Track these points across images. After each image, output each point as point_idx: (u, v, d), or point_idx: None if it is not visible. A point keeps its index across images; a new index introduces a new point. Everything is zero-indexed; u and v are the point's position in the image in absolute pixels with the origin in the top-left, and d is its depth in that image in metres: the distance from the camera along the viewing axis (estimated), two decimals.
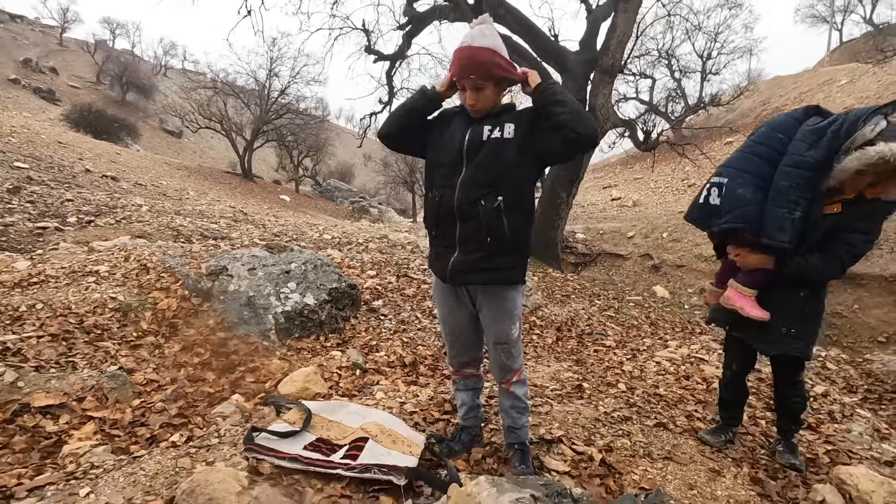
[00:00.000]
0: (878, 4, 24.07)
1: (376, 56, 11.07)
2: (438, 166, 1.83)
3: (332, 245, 8.69)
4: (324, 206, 22.75)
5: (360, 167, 35.39)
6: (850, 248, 1.96)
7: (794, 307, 2.13)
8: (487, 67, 1.70)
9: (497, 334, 1.87)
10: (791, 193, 1.93)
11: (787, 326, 2.13)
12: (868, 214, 1.94)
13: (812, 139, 1.93)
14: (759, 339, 2.24)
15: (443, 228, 1.81)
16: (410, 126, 1.87)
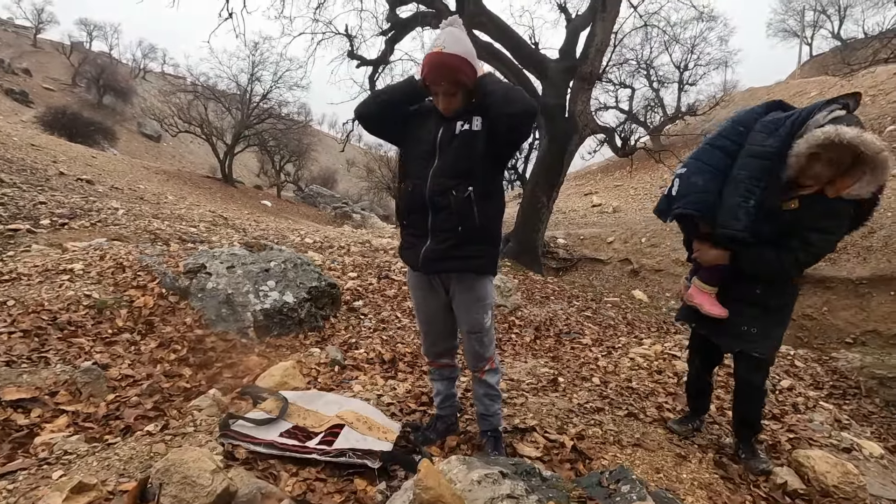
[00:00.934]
0: (846, 21, 25.11)
1: (359, 61, 11.13)
2: (413, 158, 1.89)
3: (314, 248, 8.67)
4: (306, 212, 22.60)
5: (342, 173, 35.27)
6: (807, 247, 1.92)
7: (752, 304, 2.10)
8: (458, 76, 1.75)
9: (470, 323, 1.93)
10: (747, 182, 1.91)
11: (746, 324, 2.11)
12: (828, 213, 1.89)
13: (770, 129, 1.93)
14: (719, 335, 2.24)
15: (415, 217, 1.87)
16: (394, 113, 1.90)
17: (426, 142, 1.84)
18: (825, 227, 1.91)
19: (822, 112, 1.83)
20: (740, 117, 2.09)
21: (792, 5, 27.58)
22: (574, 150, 9.23)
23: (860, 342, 7.52)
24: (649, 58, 19.08)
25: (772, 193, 1.92)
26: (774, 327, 2.13)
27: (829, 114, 1.82)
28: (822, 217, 1.89)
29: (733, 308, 2.13)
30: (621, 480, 1.52)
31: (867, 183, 1.79)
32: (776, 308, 2.12)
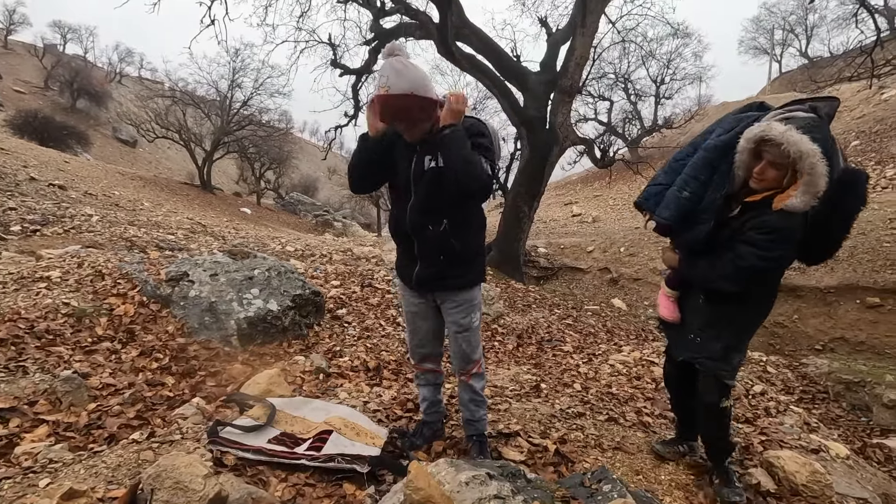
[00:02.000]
0: (812, 40, 26.24)
1: (342, 70, 11.17)
2: (393, 188, 1.94)
3: (296, 256, 8.61)
4: (286, 220, 22.38)
5: (324, 181, 35.06)
6: (736, 259, 1.76)
7: (696, 312, 2.02)
8: (410, 114, 1.70)
9: (458, 322, 1.98)
10: (686, 172, 1.86)
11: (692, 332, 2.02)
12: (761, 225, 1.71)
13: (729, 125, 1.85)
14: (672, 342, 2.18)
15: (404, 244, 1.96)
16: (381, 170, 1.90)
17: (402, 176, 1.86)
18: (759, 242, 1.72)
19: (783, 112, 1.73)
20: (721, 119, 1.99)
21: (762, 24, 28.73)
22: (555, 160, 9.41)
23: (829, 349, 7.79)
24: (627, 72, 19.61)
25: (715, 190, 1.81)
26: (720, 341, 1.94)
27: (787, 112, 1.71)
28: (759, 230, 1.72)
29: (685, 316, 2.07)
30: (602, 480, 1.58)
31: (802, 192, 1.62)
32: (722, 321, 1.95)
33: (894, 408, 4.54)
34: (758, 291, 1.91)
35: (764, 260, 1.72)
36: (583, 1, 8.68)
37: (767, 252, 1.71)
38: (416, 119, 1.73)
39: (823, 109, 1.74)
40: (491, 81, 9.24)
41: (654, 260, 10.35)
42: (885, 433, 4.48)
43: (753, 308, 1.96)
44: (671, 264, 2.06)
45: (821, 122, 1.68)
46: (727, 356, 1.96)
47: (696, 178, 1.82)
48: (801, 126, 1.62)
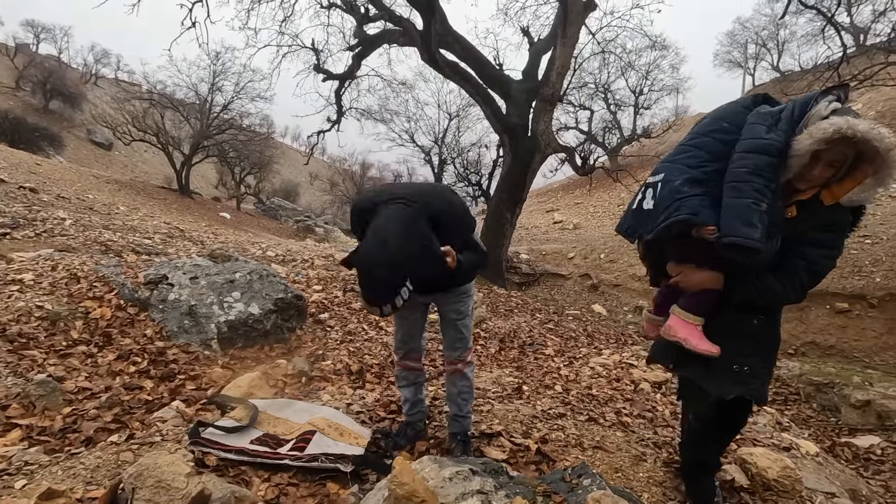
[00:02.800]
0: (783, 54, 27.18)
1: (325, 75, 11.16)
2: None
3: (277, 261, 8.52)
4: (267, 225, 22.11)
5: (305, 186, 34.79)
6: (809, 266, 1.59)
7: (748, 338, 1.70)
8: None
9: (457, 310, 2.05)
10: (755, 181, 1.51)
11: (739, 363, 1.69)
12: (829, 224, 1.58)
13: (770, 121, 1.58)
14: (709, 379, 1.73)
15: None
16: None
17: None
18: (826, 242, 1.59)
19: (823, 102, 1.54)
20: (724, 112, 1.74)
21: (736, 38, 29.64)
22: (536, 168, 9.55)
23: (801, 353, 8.02)
24: (607, 82, 20.07)
25: (776, 198, 1.57)
26: (766, 361, 1.76)
27: (829, 104, 1.53)
28: (822, 229, 1.58)
29: (722, 342, 1.70)
30: (582, 475, 1.62)
31: (870, 186, 1.51)
32: (770, 340, 1.76)
33: (861, 408, 4.70)
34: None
35: (834, 259, 1.61)
36: (564, 12, 8.86)
37: (836, 250, 1.61)
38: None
39: (844, 99, 1.60)
40: (474, 89, 9.35)
41: (633, 266, 10.54)
42: (853, 432, 4.63)
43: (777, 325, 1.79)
44: (707, 285, 1.71)
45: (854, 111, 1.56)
46: (769, 382, 1.79)
47: (768, 185, 1.52)
48: (855, 117, 1.48)
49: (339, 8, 10.26)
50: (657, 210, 1.64)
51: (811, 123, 1.51)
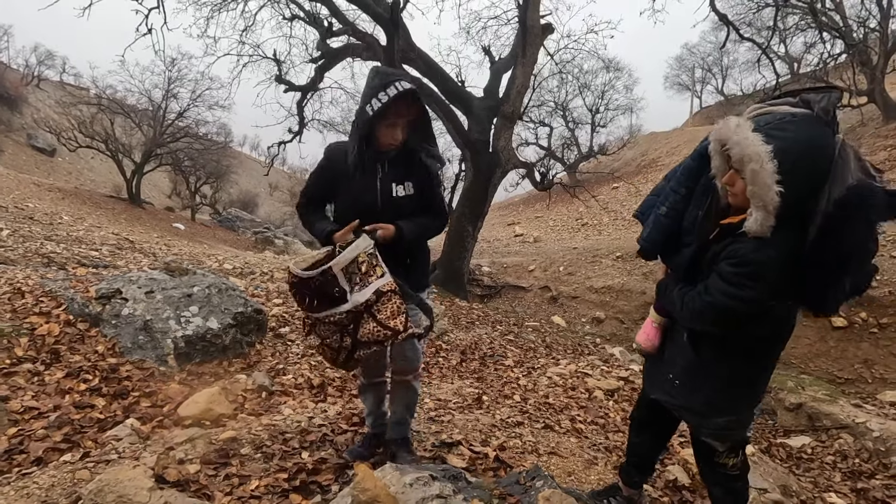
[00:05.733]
0: (727, 79, 29.05)
1: (287, 86, 11.09)
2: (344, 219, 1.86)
3: (234, 274, 8.33)
4: (223, 236, 21.47)
5: (264, 196, 34.05)
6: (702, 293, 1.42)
7: (681, 352, 1.61)
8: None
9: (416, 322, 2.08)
10: (670, 184, 1.55)
11: (672, 373, 1.64)
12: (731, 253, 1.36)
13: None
14: (647, 375, 1.81)
15: None
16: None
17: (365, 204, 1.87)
18: (725, 274, 1.36)
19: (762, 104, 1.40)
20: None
21: (684, 63, 31.45)
22: (497, 182, 9.80)
23: None
24: (565, 100, 20.89)
25: (695, 206, 1.51)
26: (700, 393, 1.57)
27: (767, 105, 1.37)
28: (726, 258, 1.37)
29: (667, 350, 1.69)
30: (536, 478, 1.72)
31: (753, 209, 1.27)
32: (702, 370, 1.57)
33: (794, 411, 5.06)
34: (745, 340, 1.48)
35: (732, 298, 1.34)
36: (523, 34, 9.22)
37: (737, 290, 1.33)
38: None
39: (819, 103, 1.30)
40: (436, 104, 9.53)
41: (590, 279, 10.91)
42: (787, 433, 4.98)
43: (742, 360, 1.51)
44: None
45: (806, 118, 1.28)
46: (708, 414, 1.57)
47: (676, 190, 1.49)
48: (768, 123, 1.27)
49: (301, 20, 10.26)
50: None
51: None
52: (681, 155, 22.02)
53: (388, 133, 1.82)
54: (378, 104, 1.68)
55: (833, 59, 12.36)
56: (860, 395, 5.86)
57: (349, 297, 1.65)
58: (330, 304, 1.67)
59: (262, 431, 2.26)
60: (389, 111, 1.73)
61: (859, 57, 11.73)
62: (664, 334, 1.72)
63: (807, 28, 12.93)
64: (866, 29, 12.44)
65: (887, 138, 12.14)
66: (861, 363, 6.63)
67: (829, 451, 3.97)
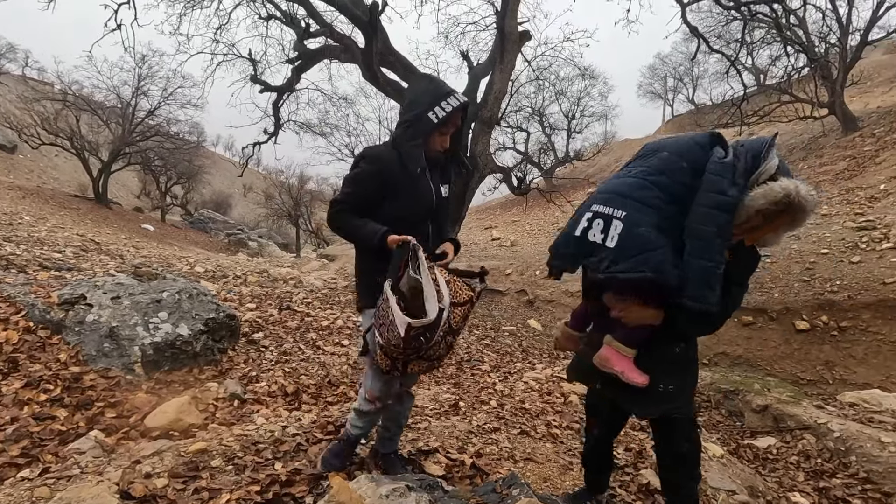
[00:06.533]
0: (698, 89, 29.94)
1: (263, 86, 10.91)
2: (405, 220, 1.85)
3: (206, 278, 8.14)
4: (195, 238, 20.97)
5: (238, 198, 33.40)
6: (731, 304, 1.66)
7: (671, 362, 1.78)
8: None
9: None
10: (719, 243, 1.54)
11: (664, 382, 1.76)
12: (749, 265, 1.70)
13: (730, 176, 1.56)
14: (636, 402, 1.82)
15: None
16: None
17: (423, 206, 1.94)
18: (745, 280, 1.72)
19: (773, 159, 1.58)
20: (683, 149, 1.68)
21: (657, 72, 32.30)
22: (475, 187, 9.84)
23: (713, 363, 8.71)
24: (542, 106, 21.16)
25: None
26: (688, 379, 1.86)
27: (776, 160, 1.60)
28: (745, 269, 1.69)
29: (650, 368, 1.76)
30: (512, 486, 1.73)
31: (782, 232, 1.65)
32: (692, 360, 1.91)
33: (760, 412, 5.22)
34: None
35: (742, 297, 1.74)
36: (501, 40, 9.30)
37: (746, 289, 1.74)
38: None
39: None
40: None
41: (566, 282, 11.03)
42: (754, 435, 5.14)
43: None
44: (648, 321, 1.71)
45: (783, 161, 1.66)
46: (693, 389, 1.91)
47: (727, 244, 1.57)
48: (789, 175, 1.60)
49: (278, 20, 10.12)
50: (620, 252, 1.57)
51: (762, 179, 1.56)
52: None
53: (440, 140, 1.90)
54: (442, 113, 1.79)
55: (797, 72, 12.88)
56: (822, 396, 6.08)
57: (444, 304, 1.64)
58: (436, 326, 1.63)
59: (234, 442, 2.21)
60: (448, 120, 1.83)
61: (821, 71, 12.24)
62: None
63: (772, 42, 13.45)
64: (827, 44, 13.01)
65: (846, 149, 12.68)
66: (822, 365, 6.88)
67: (793, 452, 4.10)
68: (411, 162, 1.83)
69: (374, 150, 1.93)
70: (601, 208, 1.64)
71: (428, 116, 1.79)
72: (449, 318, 1.68)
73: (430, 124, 1.79)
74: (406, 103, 1.90)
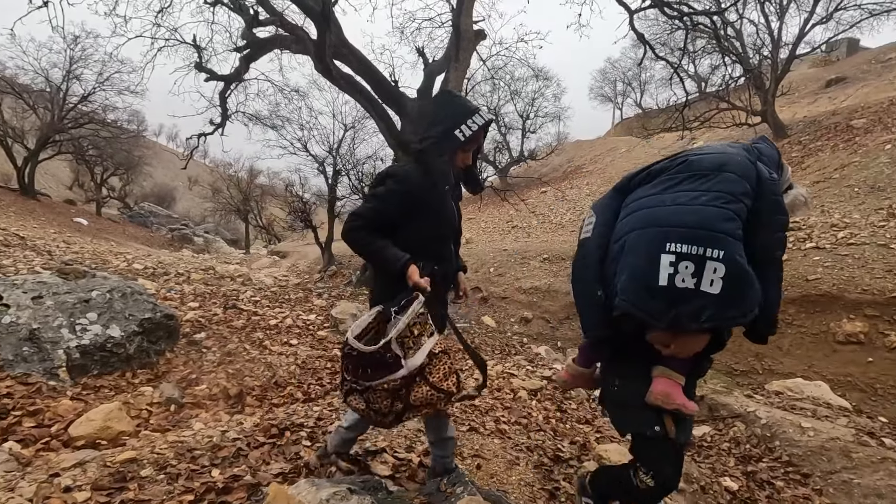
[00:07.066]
0: (645, 94, 31.24)
1: (209, 75, 10.42)
2: (434, 239, 1.85)
3: (145, 275, 7.71)
4: (134, 233, 19.81)
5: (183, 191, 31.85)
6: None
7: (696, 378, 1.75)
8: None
9: None
10: (781, 264, 1.49)
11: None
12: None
13: (781, 192, 1.51)
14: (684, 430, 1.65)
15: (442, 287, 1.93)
16: None
17: (452, 223, 1.93)
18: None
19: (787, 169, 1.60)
20: (744, 168, 1.46)
21: (607, 76, 33.45)
22: None
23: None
24: (497, 105, 21.42)
25: None
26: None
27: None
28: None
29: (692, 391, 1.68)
30: (457, 484, 1.73)
31: None
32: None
33: (697, 402, 5.53)
34: None
35: None
36: (456, 38, 9.32)
37: None
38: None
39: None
40: (369, 103, 9.38)
41: (519, 279, 11.25)
42: None
43: None
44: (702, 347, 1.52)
45: None
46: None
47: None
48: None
49: (225, 6, 9.69)
50: (727, 298, 1.35)
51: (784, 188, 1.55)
52: (603, 163, 23.38)
53: (462, 157, 1.90)
54: (468, 131, 1.78)
55: (734, 81, 13.68)
56: (752, 385, 6.50)
57: (404, 363, 1.60)
58: (385, 371, 1.61)
59: (168, 449, 2.09)
60: (473, 138, 1.82)
61: (754, 81, 13.06)
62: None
63: (713, 51, 14.22)
64: (761, 56, 13.89)
65: None
66: (753, 356, 7.35)
67: (725, 439, 4.35)
68: (441, 179, 1.81)
69: (402, 170, 1.85)
70: (685, 248, 1.38)
71: (455, 134, 1.77)
72: (408, 385, 1.62)
73: (456, 141, 1.78)
74: (430, 119, 1.88)
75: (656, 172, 1.57)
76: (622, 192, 1.66)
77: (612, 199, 1.69)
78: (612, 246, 1.56)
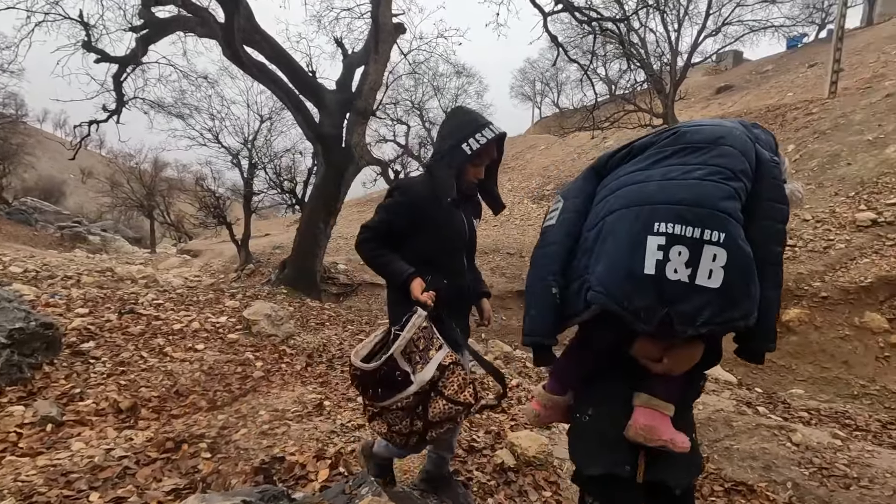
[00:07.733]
0: (561, 94, 32.65)
1: (99, 56, 9.40)
2: (442, 252, 1.85)
3: (24, 280, 6.84)
4: (14, 232, 17.54)
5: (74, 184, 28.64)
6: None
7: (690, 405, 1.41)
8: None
9: None
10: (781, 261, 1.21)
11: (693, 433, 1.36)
12: None
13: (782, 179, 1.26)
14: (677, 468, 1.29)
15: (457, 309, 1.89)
16: None
17: (461, 237, 1.91)
18: None
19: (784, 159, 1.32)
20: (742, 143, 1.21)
21: (527, 75, 34.55)
22: (351, 178, 9.59)
23: None
24: (420, 100, 21.37)
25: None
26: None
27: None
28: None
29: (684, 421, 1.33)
30: (362, 485, 1.71)
31: None
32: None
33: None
34: None
35: None
36: (375, 30, 9.15)
37: None
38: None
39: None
40: (284, 94, 8.96)
41: None
42: None
43: None
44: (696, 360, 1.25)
45: None
46: None
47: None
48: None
49: None
50: (728, 293, 1.09)
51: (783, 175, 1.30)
52: (524, 159, 24.23)
53: (474, 171, 1.88)
54: (476, 145, 1.78)
55: (638, 84, 14.72)
56: None
57: (413, 378, 1.59)
58: (395, 389, 1.60)
59: (37, 476, 1.87)
60: (482, 152, 1.81)
61: (655, 85, 14.14)
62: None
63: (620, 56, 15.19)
64: (661, 63, 15.06)
65: None
66: None
67: None
68: (443, 191, 1.80)
69: (407, 181, 1.94)
70: (678, 228, 1.10)
71: (462, 148, 1.78)
72: (424, 401, 1.61)
73: (463, 156, 1.78)
74: (440, 135, 1.89)
75: (641, 147, 1.31)
76: (598, 173, 1.39)
77: (586, 181, 1.40)
78: (585, 235, 1.29)
